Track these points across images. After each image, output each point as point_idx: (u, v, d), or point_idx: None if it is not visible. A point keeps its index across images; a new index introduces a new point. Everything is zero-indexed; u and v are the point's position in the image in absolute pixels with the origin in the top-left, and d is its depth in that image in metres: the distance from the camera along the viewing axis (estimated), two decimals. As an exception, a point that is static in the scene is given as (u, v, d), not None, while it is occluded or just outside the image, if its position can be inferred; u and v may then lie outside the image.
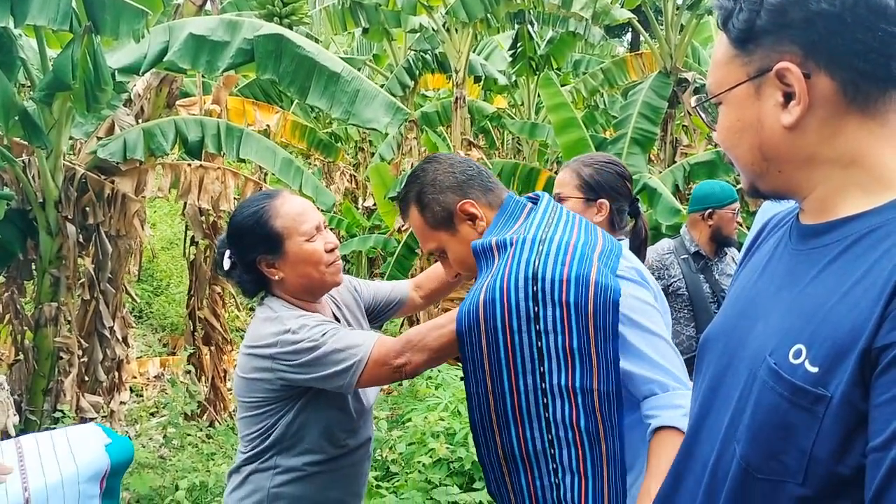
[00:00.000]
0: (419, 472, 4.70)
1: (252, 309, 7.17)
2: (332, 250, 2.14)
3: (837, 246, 1.04)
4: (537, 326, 1.73)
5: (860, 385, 0.94)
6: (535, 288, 1.73)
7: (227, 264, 2.19)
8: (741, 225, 4.07)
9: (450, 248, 1.97)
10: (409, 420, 5.47)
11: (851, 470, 0.95)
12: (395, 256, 8.21)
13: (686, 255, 3.95)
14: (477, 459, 1.93)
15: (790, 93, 1.06)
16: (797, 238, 1.14)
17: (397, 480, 4.80)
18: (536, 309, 1.73)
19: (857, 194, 1.06)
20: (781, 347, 1.03)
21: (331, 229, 2.22)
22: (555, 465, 1.79)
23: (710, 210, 3.92)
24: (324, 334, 1.99)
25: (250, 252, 2.13)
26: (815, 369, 0.98)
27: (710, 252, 3.97)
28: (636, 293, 1.83)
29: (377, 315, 2.51)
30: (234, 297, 7.98)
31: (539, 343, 1.74)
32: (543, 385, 1.75)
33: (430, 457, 4.78)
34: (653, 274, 3.73)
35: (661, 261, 3.94)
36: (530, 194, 2.04)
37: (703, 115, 1.23)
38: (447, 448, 4.81)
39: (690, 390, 1.59)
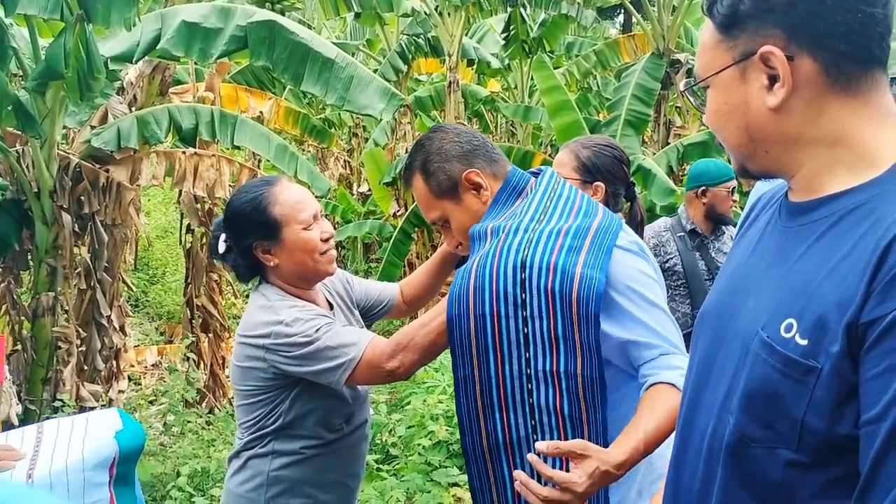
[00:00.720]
0: (419, 454, 4.73)
1: (248, 296, 7.18)
2: (327, 240, 2.15)
3: (824, 223, 1.08)
4: (524, 313, 1.76)
5: (848, 357, 0.98)
6: (523, 275, 1.76)
7: (222, 248, 2.20)
8: (736, 203, 4.07)
9: (453, 217, 1.97)
10: (409, 403, 5.50)
11: (843, 438, 0.99)
12: (391, 241, 8.22)
13: (682, 233, 3.98)
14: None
15: (774, 75, 1.08)
16: (786, 215, 1.17)
17: (398, 463, 4.84)
18: (524, 296, 1.76)
19: (842, 172, 1.08)
20: (773, 322, 1.07)
21: (326, 216, 2.23)
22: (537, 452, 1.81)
23: (703, 188, 3.94)
24: (318, 329, 2.00)
25: (246, 237, 2.14)
26: (805, 342, 1.01)
27: (707, 230, 3.99)
28: (637, 265, 1.86)
29: (365, 314, 2.51)
30: (231, 285, 7.98)
31: (525, 329, 1.76)
32: (528, 371, 1.77)
33: (430, 439, 4.81)
34: (653, 251, 3.78)
35: (657, 238, 3.97)
36: (533, 169, 2.05)
37: (692, 99, 1.25)
38: (446, 430, 4.84)
39: (687, 357, 1.62)
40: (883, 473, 0.94)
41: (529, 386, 1.78)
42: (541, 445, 1.57)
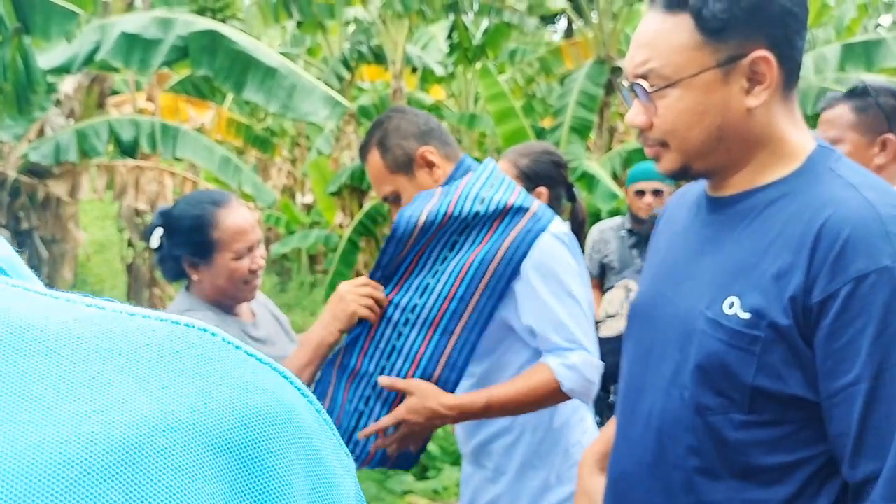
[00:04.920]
0: (372, 464, 4.70)
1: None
2: (255, 271, 2.14)
3: (753, 212, 1.21)
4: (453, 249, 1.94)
5: (794, 327, 1.11)
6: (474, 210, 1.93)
7: (154, 243, 2.18)
8: (650, 207, 3.99)
9: (405, 192, 2.05)
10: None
11: (789, 397, 1.13)
12: (338, 252, 8.16)
13: (623, 231, 4.04)
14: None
15: (753, 79, 1.18)
16: (710, 209, 1.29)
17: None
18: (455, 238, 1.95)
19: (772, 168, 1.22)
20: (716, 301, 1.19)
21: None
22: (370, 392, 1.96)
23: (626, 188, 4.01)
24: None
25: (178, 249, 2.12)
26: (747, 315, 1.14)
27: (639, 228, 4.01)
28: (565, 256, 1.96)
29: None
30: (172, 300, 7.85)
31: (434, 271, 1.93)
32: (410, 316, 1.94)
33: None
34: (595, 247, 3.93)
35: (601, 234, 4.05)
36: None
37: (641, 97, 1.24)
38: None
39: (590, 352, 1.85)
40: (871, 428, 1.06)
41: (403, 330, 1.94)
42: (382, 380, 1.86)
